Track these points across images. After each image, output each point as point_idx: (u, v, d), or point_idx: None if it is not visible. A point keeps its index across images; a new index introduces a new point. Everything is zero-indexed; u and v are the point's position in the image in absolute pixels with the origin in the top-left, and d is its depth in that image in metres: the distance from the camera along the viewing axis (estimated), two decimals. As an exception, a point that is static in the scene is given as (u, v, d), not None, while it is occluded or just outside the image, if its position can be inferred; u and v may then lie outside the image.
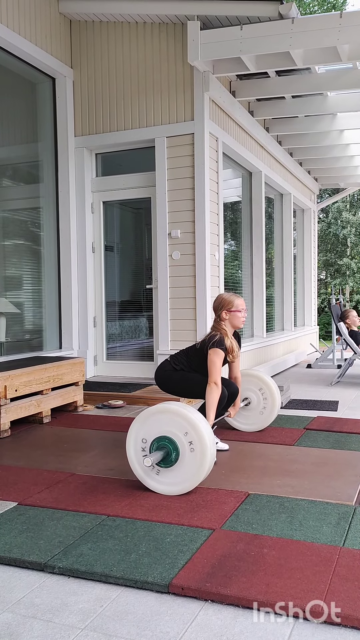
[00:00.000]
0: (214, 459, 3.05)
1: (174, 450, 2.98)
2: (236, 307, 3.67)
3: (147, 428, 3.06)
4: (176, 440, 2.98)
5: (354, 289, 20.20)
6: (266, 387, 4.28)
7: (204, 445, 2.95)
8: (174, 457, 2.98)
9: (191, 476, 2.97)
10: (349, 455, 3.68)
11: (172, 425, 3.01)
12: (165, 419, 3.03)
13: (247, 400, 4.28)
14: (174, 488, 3.00)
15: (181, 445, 2.98)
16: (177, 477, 3.00)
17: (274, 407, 4.28)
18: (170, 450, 2.98)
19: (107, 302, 6.63)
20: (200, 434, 2.96)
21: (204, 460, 2.95)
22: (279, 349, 8.55)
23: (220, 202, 6.25)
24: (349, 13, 5.11)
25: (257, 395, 4.29)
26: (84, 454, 3.80)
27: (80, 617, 1.91)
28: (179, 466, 2.99)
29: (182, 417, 3.00)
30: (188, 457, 2.97)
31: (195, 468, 2.95)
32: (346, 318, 7.37)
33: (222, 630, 1.82)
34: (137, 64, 6.08)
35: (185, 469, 2.98)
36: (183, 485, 2.99)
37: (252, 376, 4.34)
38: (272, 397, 4.27)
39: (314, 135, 8.23)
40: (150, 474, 3.06)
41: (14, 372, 4.37)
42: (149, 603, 1.99)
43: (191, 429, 2.97)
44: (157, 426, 3.03)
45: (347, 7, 20.55)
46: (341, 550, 2.31)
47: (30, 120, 6.23)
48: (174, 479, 3.00)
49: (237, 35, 5.35)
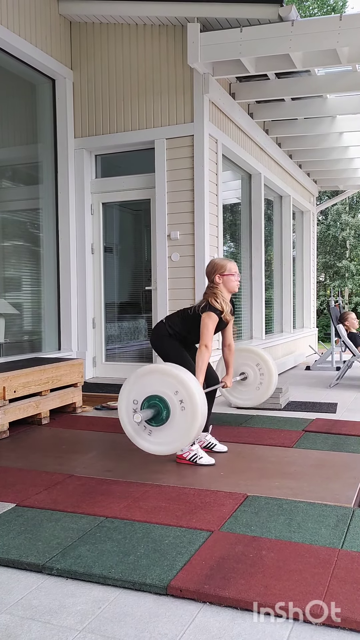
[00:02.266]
0: (204, 418, 3.06)
1: (165, 408, 3.00)
2: (229, 270, 3.62)
3: (138, 389, 3.07)
4: (167, 399, 3.00)
5: (353, 291, 20.21)
6: (263, 363, 4.26)
7: (195, 404, 2.96)
8: (165, 415, 3.00)
9: (182, 435, 2.99)
10: (348, 457, 3.67)
11: (163, 385, 3.03)
12: (155, 379, 3.05)
13: (244, 375, 4.26)
14: (164, 447, 3.02)
15: (172, 404, 3.00)
16: (168, 436, 3.01)
17: (271, 383, 4.25)
18: (161, 409, 3.00)
19: (106, 303, 6.63)
20: (191, 392, 2.97)
21: (194, 418, 2.96)
22: (278, 350, 8.55)
23: (220, 204, 6.26)
24: (348, 16, 5.12)
25: (254, 370, 4.26)
26: (83, 455, 3.80)
27: (78, 619, 1.91)
28: (170, 425, 3.00)
29: (172, 377, 3.02)
30: (179, 415, 2.99)
31: (186, 427, 2.97)
32: (345, 320, 7.37)
33: (220, 632, 1.82)
34: (137, 65, 6.09)
35: (176, 428, 2.99)
36: (174, 444, 3.00)
37: (249, 351, 4.32)
38: (269, 373, 4.24)
39: (313, 138, 8.24)
40: (141, 434, 3.08)
41: (12, 373, 4.37)
42: (147, 605, 1.99)
43: (181, 388, 2.99)
44: (147, 386, 3.06)
45: (346, 10, 20.60)
46: (340, 552, 2.31)
47: (30, 121, 6.23)
48: (165, 438, 3.02)
49: (236, 37, 5.36)
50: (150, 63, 6.03)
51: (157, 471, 3.39)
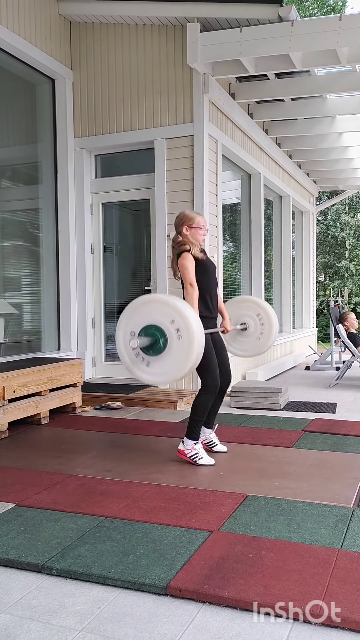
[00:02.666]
0: (202, 346, 3.07)
1: (162, 337, 3.01)
2: (197, 224, 3.62)
3: (135, 320, 3.09)
4: (163, 328, 3.02)
5: (353, 291, 20.21)
6: (264, 313, 4.24)
7: (191, 332, 2.97)
8: (162, 344, 3.01)
9: (179, 364, 3.00)
10: (347, 458, 3.67)
11: (159, 315, 3.04)
12: (152, 310, 3.07)
13: (244, 325, 4.24)
14: (162, 378, 3.05)
15: (168, 333, 3.01)
16: (166, 365, 3.02)
17: (271, 334, 4.22)
18: (158, 338, 3.01)
19: (105, 303, 6.63)
20: (187, 320, 2.98)
21: (191, 346, 2.97)
22: (278, 351, 8.55)
23: (219, 204, 6.26)
24: (348, 16, 5.12)
25: (255, 320, 4.23)
26: (82, 455, 3.80)
27: (77, 619, 1.91)
28: (168, 354, 3.01)
29: (168, 306, 3.04)
30: (176, 344, 3.00)
31: (184, 355, 2.98)
32: (345, 320, 7.37)
33: (219, 632, 1.82)
34: (136, 65, 6.09)
35: (173, 357, 3.00)
36: (172, 374, 3.02)
37: (249, 301, 4.32)
38: (269, 323, 4.21)
39: (313, 138, 8.24)
40: (139, 365, 3.09)
41: (12, 373, 4.37)
42: (146, 605, 1.99)
43: (178, 317, 3.00)
44: (144, 317, 3.07)
45: (346, 10, 20.60)
46: (339, 552, 2.31)
47: (29, 121, 6.23)
48: (163, 368, 3.03)
49: (236, 37, 5.35)
50: (150, 63, 6.03)
51: (156, 471, 3.39)
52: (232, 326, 4.12)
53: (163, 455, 3.73)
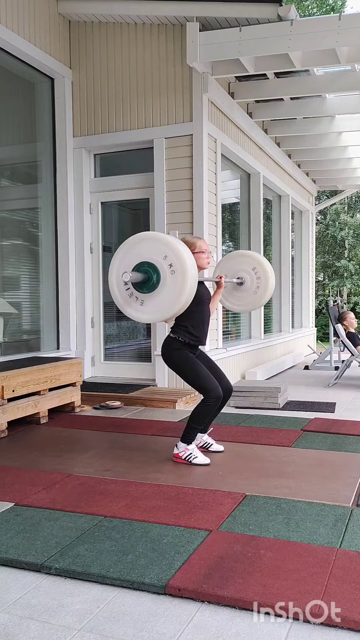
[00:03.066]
0: (195, 280, 3.07)
1: (154, 272, 3.00)
2: (199, 248, 3.64)
3: (128, 260, 3.09)
4: (155, 264, 3.01)
5: (352, 290, 20.22)
6: (259, 266, 4.21)
7: (184, 266, 2.97)
8: (155, 279, 3.00)
9: (174, 298, 2.99)
10: (346, 457, 3.68)
11: (151, 252, 3.03)
12: (144, 248, 3.06)
13: (241, 280, 4.21)
14: (157, 315, 3.04)
15: (161, 269, 3.00)
16: (160, 302, 3.02)
17: (267, 287, 4.19)
18: (151, 274, 3.00)
19: (105, 302, 6.63)
20: (180, 255, 2.97)
21: (185, 280, 2.96)
22: (277, 350, 8.55)
23: (219, 203, 6.25)
24: (347, 15, 5.12)
25: (251, 274, 4.20)
26: (81, 454, 3.80)
27: (76, 618, 1.91)
28: (161, 290, 3.01)
29: (160, 242, 3.03)
30: (169, 279, 2.99)
31: (177, 289, 2.97)
32: (344, 320, 7.38)
33: (218, 632, 1.82)
34: (136, 64, 6.09)
35: (167, 292, 2.99)
36: (166, 310, 3.01)
37: (245, 256, 4.29)
38: (265, 276, 4.18)
39: (312, 137, 8.24)
40: (133, 304, 3.09)
41: (11, 373, 4.37)
42: (145, 604, 1.99)
43: (170, 252, 2.99)
44: (136, 256, 3.06)
45: (345, 10, 20.59)
46: (338, 551, 2.31)
47: (28, 120, 6.23)
48: (157, 304, 3.03)
49: (236, 36, 5.35)
50: (149, 62, 6.02)
51: (155, 471, 3.39)
52: (229, 280, 4.10)
53: (162, 455, 3.73)
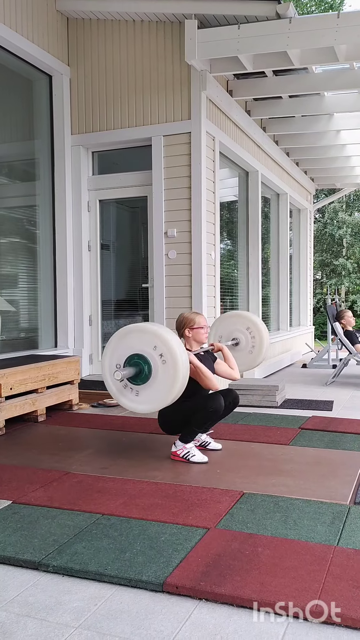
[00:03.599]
0: (187, 368, 3.12)
1: (145, 364, 3.07)
2: (198, 324, 3.72)
3: (118, 354, 3.17)
4: (146, 355, 3.08)
5: (350, 289, 20.23)
6: (253, 326, 4.28)
7: (174, 355, 3.03)
8: (147, 370, 3.07)
9: (167, 388, 3.05)
10: (344, 455, 3.68)
11: (140, 343, 3.11)
12: (132, 340, 3.14)
13: (236, 340, 4.27)
14: (152, 405, 3.11)
15: (152, 359, 3.07)
16: (154, 392, 3.09)
17: (262, 345, 4.25)
18: (142, 365, 3.07)
19: (102, 300, 6.62)
20: (169, 344, 3.04)
21: (176, 370, 3.03)
22: (275, 348, 8.56)
23: (217, 201, 6.25)
24: (346, 13, 5.11)
25: (245, 334, 4.27)
26: (79, 452, 3.80)
27: (74, 616, 1.91)
28: (154, 381, 3.08)
29: (148, 333, 3.10)
30: (161, 369, 3.06)
31: (170, 379, 3.04)
32: (341, 318, 7.38)
33: (216, 629, 1.82)
34: (134, 62, 6.07)
35: (160, 382, 3.06)
36: (161, 400, 3.08)
37: (237, 316, 4.36)
38: (259, 335, 4.25)
39: (310, 136, 8.24)
40: (127, 395, 3.16)
41: (9, 371, 4.36)
42: (143, 602, 1.99)
43: (159, 342, 3.06)
44: (127, 348, 3.14)
45: (344, 8, 20.56)
46: (335, 549, 2.31)
47: (26, 117, 6.21)
48: (151, 395, 3.10)
49: (234, 34, 5.34)
50: (147, 60, 6.01)
51: (153, 469, 3.39)
52: (224, 343, 4.14)
53: (160, 453, 3.73)
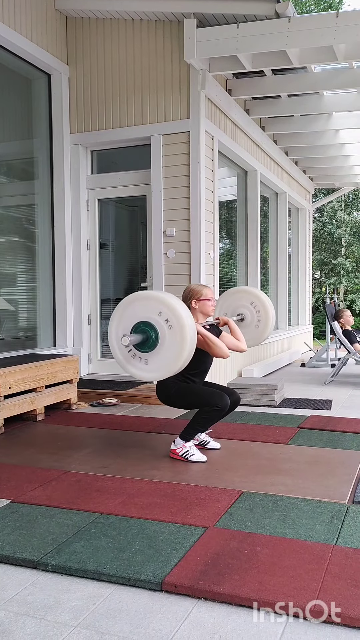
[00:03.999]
0: (194, 330, 3.11)
1: (152, 330, 3.06)
2: (205, 296, 3.70)
3: (124, 324, 3.16)
4: (152, 322, 3.07)
5: (348, 288, 20.24)
6: (257, 300, 4.25)
7: (180, 319, 3.02)
8: (154, 337, 3.06)
9: (176, 353, 3.04)
10: (342, 454, 3.69)
11: (145, 311, 3.10)
12: (137, 308, 3.13)
13: (241, 316, 4.25)
14: (162, 372, 3.10)
15: (158, 325, 3.06)
16: (163, 359, 3.07)
17: (268, 319, 4.21)
18: (149, 332, 3.06)
19: (101, 300, 6.62)
20: (174, 309, 3.03)
21: (184, 334, 3.01)
22: (274, 347, 8.56)
23: (216, 200, 6.25)
24: (345, 13, 5.11)
25: (250, 309, 4.24)
26: (78, 451, 3.80)
27: (72, 615, 1.91)
28: (162, 347, 3.06)
29: (152, 300, 3.10)
30: (168, 334, 3.05)
31: (178, 343, 3.03)
32: (340, 317, 7.39)
33: (215, 628, 1.83)
34: (133, 61, 6.07)
35: (168, 348, 3.05)
36: (170, 366, 3.07)
37: (241, 292, 4.34)
38: (264, 309, 4.21)
39: (309, 135, 8.24)
40: (137, 365, 3.15)
41: (7, 370, 4.36)
42: (142, 601, 1.99)
43: (164, 307, 3.05)
44: (132, 317, 3.13)
45: (343, 7, 20.56)
46: (334, 548, 2.32)
47: (25, 116, 6.20)
48: (161, 361, 3.08)
49: (233, 33, 5.34)
50: (146, 59, 6.01)
51: (152, 468, 3.40)
52: (229, 318, 4.13)
53: (158, 452, 3.73)
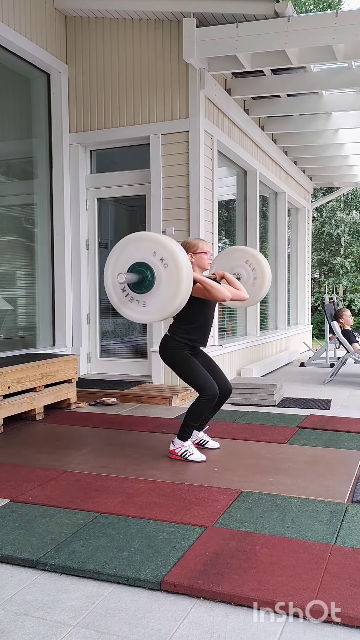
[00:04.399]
0: (190, 268, 3.12)
1: (147, 270, 3.07)
2: (201, 249, 3.66)
3: (120, 267, 3.16)
4: (147, 262, 3.08)
5: (347, 288, 20.25)
6: (251, 258, 4.23)
7: (175, 257, 3.04)
8: (150, 276, 3.07)
9: (173, 292, 3.05)
10: (341, 454, 3.69)
11: (140, 252, 3.11)
12: (132, 251, 3.14)
13: (237, 275, 4.23)
14: (162, 313, 3.10)
15: (153, 265, 3.07)
16: (161, 299, 3.08)
17: (264, 277, 4.20)
18: (145, 272, 3.07)
19: (100, 299, 6.62)
20: (168, 247, 3.04)
21: (180, 271, 3.02)
22: (273, 347, 8.56)
23: (215, 200, 6.25)
24: (344, 12, 5.11)
25: (245, 268, 4.22)
26: (77, 451, 3.80)
27: (72, 614, 1.91)
28: (159, 286, 3.08)
29: (146, 240, 3.12)
30: (164, 274, 3.06)
31: (175, 281, 3.04)
32: (340, 317, 7.39)
33: (214, 628, 1.83)
34: (132, 60, 6.07)
35: (165, 287, 3.06)
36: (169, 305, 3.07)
37: (237, 251, 4.32)
38: (260, 267, 4.20)
39: (308, 134, 8.24)
40: (136, 309, 3.16)
41: (7, 369, 4.36)
42: (141, 600, 1.99)
43: (158, 247, 3.07)
44: (127, 260, 3.15)
45: (342, 7, 20.56)
46: (333, 547, 2.32)
47: (24, 116, 6.20)
48: (159, 302, 3.09)
49: (232, 33, 5.34)
50: (145, 58, 6.00)
51: (151, 467, 3.40)
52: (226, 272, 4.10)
53: (158, 452, 3.73)
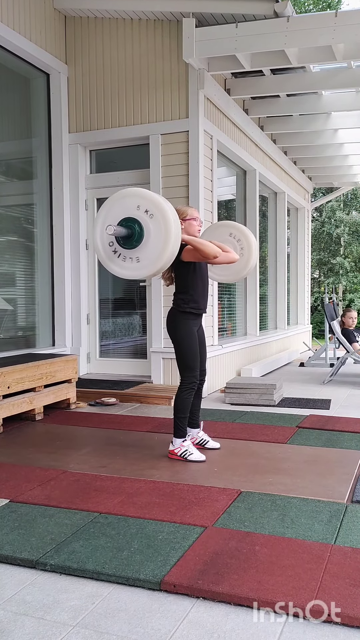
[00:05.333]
0: (175, 214, 3.15)
1: (134, 223, 3.12)
2: (190, 215, 3.67)
3: (110, 221, 3.21)
4: (133, 216, 3.13)
5: (347, 288, 20.26)
6: (234, 229, 4.18)
7: (160, 206, 3.08)
8: (138, 229, 3.12)
9: (164, 240, 3.09)
10: (341, 454, 3.69)
11: (124, 208, 3.17)
12: (116, 210, 3.19)
13: None
14: (157, 264, 3.13)
15: (140, 218, 3.12)
16: (153, 250, 3.12)
17: (251, 245, 4.10)
18: (133, 226, 3.12)
19: (100, 299, 6.62)
20: (151, 198, 3.09)
21: (166, 218, 3.07)
22: (272, 347, 8.57)
23: (215, 200, 6.25)
24: (344, 12, 5.11)
25: (231, 241, 4.13)
26: (77, 451, 3.80)
27: (71, 615, 1.91)
28: (149, 238, 3.12)
29: (128, 197, 3.17)
30: (152, 225, 3.10)
31: (164, 229, 3.08)
32: (344, 315, 7.39)
33: (213, 628, 1.83)
34: (131, 60, 6.06)
35: (156, 237, 3.10)
36: (163, 254, 3.10)
37: (220, 227, 4.27)
38: (245, 237, 4.11)
39: (308, 134, 8.24)
40: (130, 266, 3.20)
41: (6, 369, 4.36)
42: (140, 600, 1.99)
43: (141, 200, 3.12)
44: (113, 220, 3.19)
45: (342, 7, 20.57)
46: (332, 547, 2.32)
47: (24, 116, 6.20)
48: (152, 253, 3.13)
49: (232, 33, 5.34)
50: (145, 58, 6.00)
51: (151, 467, 3.40)
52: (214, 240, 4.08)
53: (157, 451, 3.73)
